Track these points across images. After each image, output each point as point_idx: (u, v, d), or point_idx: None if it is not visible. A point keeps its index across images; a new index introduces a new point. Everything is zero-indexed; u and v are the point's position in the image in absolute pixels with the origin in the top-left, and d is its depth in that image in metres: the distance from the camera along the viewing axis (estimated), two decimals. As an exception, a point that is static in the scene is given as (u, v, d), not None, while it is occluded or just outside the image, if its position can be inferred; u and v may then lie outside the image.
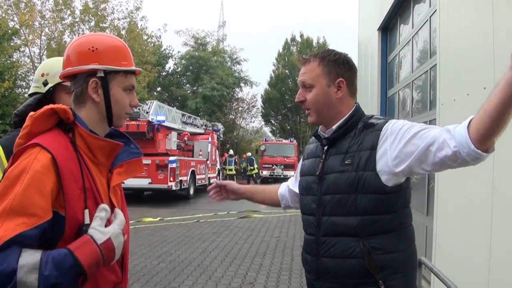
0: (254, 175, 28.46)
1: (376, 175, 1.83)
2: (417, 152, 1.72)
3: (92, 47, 1.61)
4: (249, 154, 30.92)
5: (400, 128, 1.81)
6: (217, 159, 24.10)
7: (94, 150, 1.59)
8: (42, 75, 2.32)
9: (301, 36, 39.88)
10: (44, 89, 2.30)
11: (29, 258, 1.29)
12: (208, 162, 21.48)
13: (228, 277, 6.66)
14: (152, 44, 30.76)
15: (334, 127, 1.98)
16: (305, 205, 2.04)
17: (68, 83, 1.83)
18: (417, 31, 7.39)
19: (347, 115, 1.98)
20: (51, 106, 1.52)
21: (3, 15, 22.24)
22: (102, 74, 1.60)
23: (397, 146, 1.79)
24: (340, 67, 1.99)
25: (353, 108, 2.01)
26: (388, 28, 9.95)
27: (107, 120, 1.66)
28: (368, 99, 11.53)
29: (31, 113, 1.53)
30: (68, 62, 1.63)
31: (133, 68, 1.70)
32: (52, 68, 2.31)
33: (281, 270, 7.15)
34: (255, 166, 29.10)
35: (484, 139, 1.56)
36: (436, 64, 5.80)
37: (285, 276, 6.77)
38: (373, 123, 1.92)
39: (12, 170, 1.40)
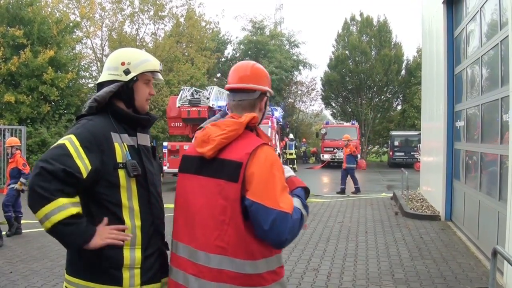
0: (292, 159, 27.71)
1: None
2: None
3: (267, 74, 2.34)
4: (291, 136, 29.83)
5: None
6: (277, 143, 24.04)
7: None
8: (123, 63, 2.37)
9: (361, 15, 38.62)
10: (126, 78, 2.37)
11: (298, 203, 2.09)
12: (269, 146, 21.39)
13: (291, 262, 6.61)
14: (210, 31, 31.04)
15: None
16: None
17: (148, 73, 2.40)
18: (485, 2, 6.93)
19: None
20: (253, 115, 2.16)
21: (64, 9, 23.08)
22: (269, 95, 2.33)
23: None
24: None
25: None
26: (453, 1, 9.43)
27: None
28: (434, 77, 11.05)
29: (232, 120, 2.14)
30: (256, 80, 2.26)
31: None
32: (134, 58, 2.40)
33: (346, 256, 7.02)
34: (294, 150, 28.49)
35: None
36: (507, 36, 5.43)
37: (350, 263, 6.64)
38: None
39: (265, 162, 2.03)
